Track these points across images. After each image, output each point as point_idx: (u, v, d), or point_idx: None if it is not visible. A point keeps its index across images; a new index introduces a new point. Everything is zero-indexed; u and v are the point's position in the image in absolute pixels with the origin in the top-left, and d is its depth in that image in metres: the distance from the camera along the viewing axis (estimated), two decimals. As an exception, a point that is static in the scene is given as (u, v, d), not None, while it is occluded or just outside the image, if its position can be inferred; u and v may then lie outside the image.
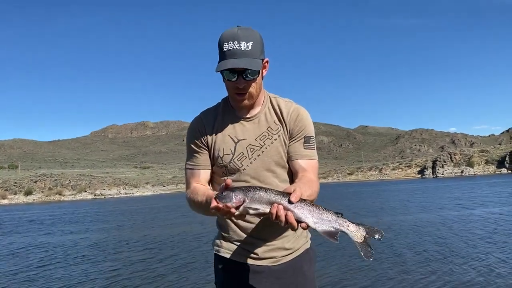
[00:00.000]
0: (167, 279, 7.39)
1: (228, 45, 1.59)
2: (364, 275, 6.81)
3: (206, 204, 1.57)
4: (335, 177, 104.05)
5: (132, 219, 21.83)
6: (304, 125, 1.78)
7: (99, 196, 74.29)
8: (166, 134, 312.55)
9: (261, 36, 1.68)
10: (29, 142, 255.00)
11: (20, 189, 75.01)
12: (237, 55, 1.59)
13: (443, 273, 6.62)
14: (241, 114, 1.78)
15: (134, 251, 10.75)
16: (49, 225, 20.66)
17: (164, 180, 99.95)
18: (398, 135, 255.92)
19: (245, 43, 1.59)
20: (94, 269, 8.73)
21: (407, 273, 6.80)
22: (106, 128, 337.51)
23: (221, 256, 1.82)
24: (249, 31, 1.63)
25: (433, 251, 8.38)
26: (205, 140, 1.78)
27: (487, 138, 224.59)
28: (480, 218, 12.92)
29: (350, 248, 8.99)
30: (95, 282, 7.51)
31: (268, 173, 1.75)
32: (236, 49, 1.58)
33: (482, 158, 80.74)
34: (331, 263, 7.80)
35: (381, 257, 7.95)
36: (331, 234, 1.40)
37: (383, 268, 7.17)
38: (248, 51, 1.59)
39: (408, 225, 12.32)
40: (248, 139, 1.75)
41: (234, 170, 1.74)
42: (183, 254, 9.83)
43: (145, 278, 7.55)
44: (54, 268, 9.10)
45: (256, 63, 1.61)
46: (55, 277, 8.18)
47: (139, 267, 8.60)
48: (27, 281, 7.96)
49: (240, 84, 1.64)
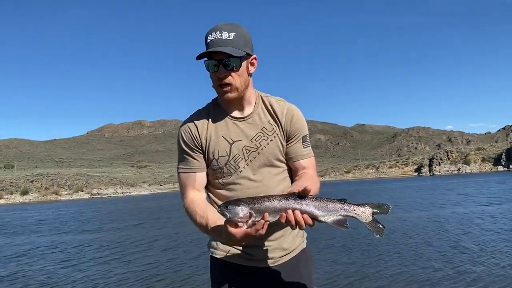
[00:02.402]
0: (164, 281, 7.34)
1: (211, 36, 1.61)
2: (364, 275, 6.78)
3: (206, 227, 1.61)
4: (332, 175, 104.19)
5: (133, 219, 21.76)
6: (300, 126, 1.78)
7: (96, 196, 74.08)
8: (163, 133, 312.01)
9: (247, 32, 1.67)
10: (25, 142, 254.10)
11: (17, 189, 74.71)
12: (218, 43, 1.59)
13: (454, 270, 6.60)
14: (234, 114, 1.75)
15: (135, 251, 10.70)
16: (61, 225, 20.58)
17: (161, 179, 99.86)
18: (395, 133, 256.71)
19: (226, 33, 1.59)
20: (101, 268, 8.68)
21: (413, 270, 6.78)
22: (103, 127, 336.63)
23: (217, 258, 1.80)
24: (234, 25, 1.64)
25: (450, 248, 8.37)
26: (198, 142, 1.73)
27: (484, 135, 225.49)
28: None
29: (349, 247, 8.98)
30: (97, 281, 7.47)
31: (265, 173, 1.73)
32: (218, 38, 1.59)
33: (479, 156, 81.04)
34: (327, 261, 7.77)
35: (382, 257, 7.94)
36: (340, 222, 1.43)
37: (386, 266, 7.15)
38: (229, 40, 1.59)
39: (424, 221, 12.31)
40: (243, 141, 1.72)
41: (230, 172, 1.71)
42: (180, 254, 9.79)
43: (145, 279, 7.50)
44: (68, 268, 9.04)
45: (236, 51, 1.59)
46: (70, 278, 8.12)
47: (138, 268, 8.55)
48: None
49: (220, 74, 1.62)
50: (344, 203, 1.45)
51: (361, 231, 9.90)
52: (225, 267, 1.78)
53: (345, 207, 1.44)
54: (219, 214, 1.48)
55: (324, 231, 10.23)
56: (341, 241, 9.53)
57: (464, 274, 6.31)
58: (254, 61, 1.71)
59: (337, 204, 1.44)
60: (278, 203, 1.41)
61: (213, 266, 1.83)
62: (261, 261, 1.75)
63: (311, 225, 1.43)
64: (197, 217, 1.63)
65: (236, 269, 1.76)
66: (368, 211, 1.45)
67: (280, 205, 1.41)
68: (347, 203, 1.45)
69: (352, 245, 9.13)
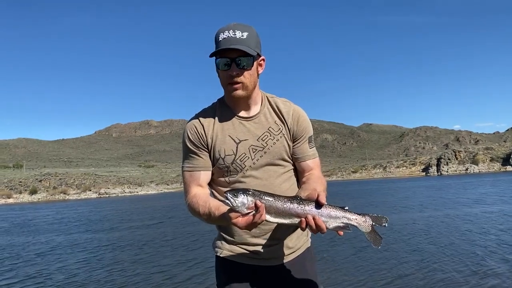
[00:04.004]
0: (168, 281, 7.38)
1: (224, 35, 1.60)
2: (365, 273, 6.77)
3: (209, 215, 1.61)
4: (339, 175, 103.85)
5: (148, 218, 21.89)
6: (306, 127, 1.81)
7: (103, 195, 74.51)
8: (170, 132, 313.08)
9: (257, 33, 1.68)
10: (34, 142, 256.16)
11: (25, 188, 75.34)
12: (231, 42, 1.59)
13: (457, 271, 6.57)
14: (241, 114, 1.75)
15: (138, 250, 10.76)
16: (82, 224, 20.74)
17: (168, 179, 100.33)
18: (403, 133, 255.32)
19: (240, 32, 1.60)
20: (127, 267, 8.75)
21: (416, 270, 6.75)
22: (110, 127, 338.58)
23: (223, 258, 1.80)
24: (246, 26, 1.64)
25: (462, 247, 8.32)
26: (204, 141, 1.73)
27: (492, 135, 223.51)
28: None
29: (348, 246, 8.96)
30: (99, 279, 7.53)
31: (271, 172, 1.74)
32: (231, 37, 1.59)
33: (487, 156, 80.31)
34: (331, 261, 7.76)
35: (385, 255, 7.91)
36: (341, 229, 1.46)
37: (387, 266, 7.13)
38: (243, 39, 1.60)
39: (438, 221, 12.25)
40: (249, 140, 1.72)
41: (236, 170, 1.72)
42: (185, 254, 9.83)
43: (148, 278, 7.55)
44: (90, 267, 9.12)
45: (250, 50, 1.60)
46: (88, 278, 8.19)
47: (140, 267, 8.60)
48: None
49: (233, 71, 1.62)
50: (346, 211, 1.48)
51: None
52: (230, 266, 1.78)
53: (347, 216, 1.47)
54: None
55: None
56: (349, 239, 9.51)
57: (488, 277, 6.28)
58: (262, 62, 1.73)
59: (340, 211, 1.47)
60: (283, 204, 1.44)
61: (218, 266, 1.84)
62: (266, 259, 1.75)
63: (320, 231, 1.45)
64: (200, 208, 1.64)
65: (241, 268, 1.76)
66: (368, 221, 1.49)
67: (284, 207, 1.43)
68: (349, 212, 1.48)
69: (360, 245, 9.10)
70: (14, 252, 11.70)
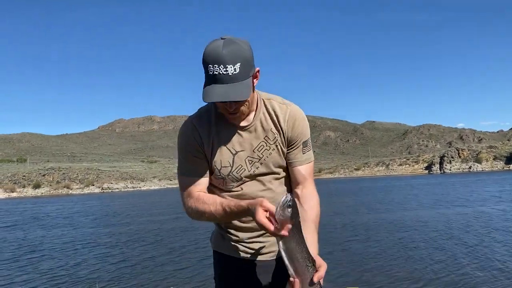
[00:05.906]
0: (165, 274, 7.46)
1: (214, 69, 1.44)
2: (365, 273, 6.82)
3: (221, 212, 1.58)
4: (342, 172, 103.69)
5: (146, 213, 22.01)
6: (301, 132, 1.74)
7: (106, 190, 74.79)
8: (173, 128, 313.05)
9: (249, 46, 1.52)
10: (38, 136, 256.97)
11: (29, 182, 75.71)
12: (224, 80, 1.44)
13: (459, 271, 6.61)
14: (237, 122, 1.67)
15: (140, 246, 10.86)
16: (97, 219, 20.91)
17: (171, 174, 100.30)
18: (406, 131, 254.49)
19: (231, 66, 1.43)
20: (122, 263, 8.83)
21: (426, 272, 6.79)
22: (114, 122, 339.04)
23: (220, 253, 1.83)
24: (235, 47, 1.45)
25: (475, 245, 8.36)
26: (201, 149, 1.68)
27: (496, 134, 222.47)
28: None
29: (343, 241, 9.01)
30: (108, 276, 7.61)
31: (267, 179, 1.73)
32: (223, 74, 1.43)
33: (490, 154, 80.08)
34: (328, 256, 7.82)
35: (387, 253, 7.95)
36: None
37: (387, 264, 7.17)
38: (236, 74, 1.44)
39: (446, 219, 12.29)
40: (245, 151, 1.69)
41: (232, 181, 1.70)
42: (184, 248, 9.91)
43: (150, 272, 7.63)
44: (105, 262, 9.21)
45: (245, 89, 1.47)
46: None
47: (145, 262, 8.69)
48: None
49: (230, 107, 1.55)
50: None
51: (372, 227, 9.90)
52: (227, 261, 1.80)
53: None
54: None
55: (336, 226, 10.29)
56: (348, 237, 9.56)
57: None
58: (257, 74, 1.61)
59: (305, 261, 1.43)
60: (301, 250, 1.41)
61: (216, 260, 1.87)
62: (262, 254, 1.76)
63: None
64: (211, 207, 1.61)
65: (239, 263, 1.78)
66: None
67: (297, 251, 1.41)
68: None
69: (356, 241, 9.15)
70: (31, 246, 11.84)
